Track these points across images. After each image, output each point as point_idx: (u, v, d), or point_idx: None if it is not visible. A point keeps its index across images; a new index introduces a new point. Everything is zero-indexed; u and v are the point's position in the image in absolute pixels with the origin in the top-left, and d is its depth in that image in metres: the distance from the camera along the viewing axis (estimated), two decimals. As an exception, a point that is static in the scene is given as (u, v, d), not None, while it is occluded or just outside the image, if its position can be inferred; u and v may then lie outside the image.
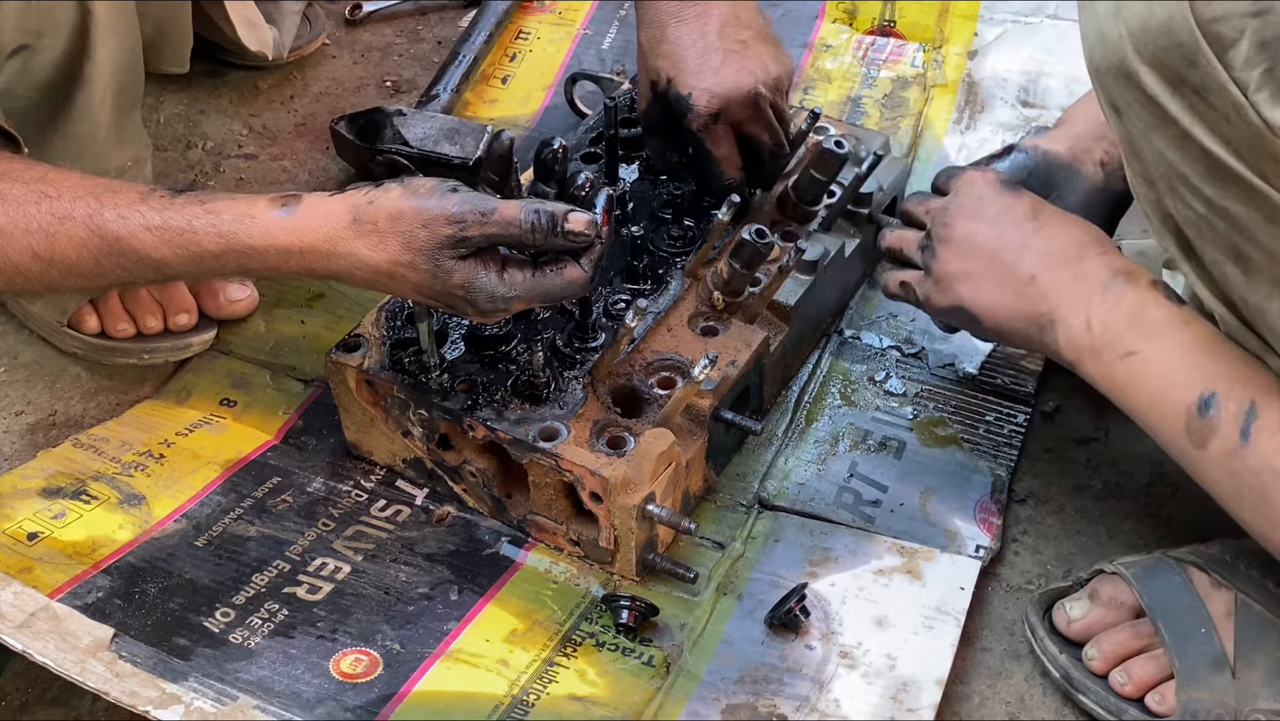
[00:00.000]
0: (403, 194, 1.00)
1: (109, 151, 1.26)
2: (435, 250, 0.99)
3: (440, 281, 1.00)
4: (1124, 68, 0.87)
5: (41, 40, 1.17)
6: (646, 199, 1.34)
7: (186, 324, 1.34)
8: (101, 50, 1.19)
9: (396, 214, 0.99)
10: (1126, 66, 0.86)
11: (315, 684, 1.02)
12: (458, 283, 1.00)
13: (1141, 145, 0.91)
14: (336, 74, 1.76)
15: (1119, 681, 1.05)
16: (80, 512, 1.15)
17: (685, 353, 1.19)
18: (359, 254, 1.00)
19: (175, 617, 1.06)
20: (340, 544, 1.15)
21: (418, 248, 0.99)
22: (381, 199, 1.00)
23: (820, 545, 1.18)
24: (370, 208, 1.00)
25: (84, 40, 1.18)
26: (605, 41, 1.76)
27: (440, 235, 0.99)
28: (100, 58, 1.19)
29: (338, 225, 1.00)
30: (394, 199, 1.00)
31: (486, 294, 1.01)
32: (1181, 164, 0.88)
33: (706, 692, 1.06)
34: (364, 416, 1.20)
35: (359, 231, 1.00)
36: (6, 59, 1.16)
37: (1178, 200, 0.92)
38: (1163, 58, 0.84)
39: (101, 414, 1.31)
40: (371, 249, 1.00)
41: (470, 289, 1.00)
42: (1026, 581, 1.18)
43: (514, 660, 1.06)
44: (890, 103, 1.63)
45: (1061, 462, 1.27)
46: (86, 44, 1.18)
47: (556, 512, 1.15)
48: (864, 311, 1.40)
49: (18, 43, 1.16)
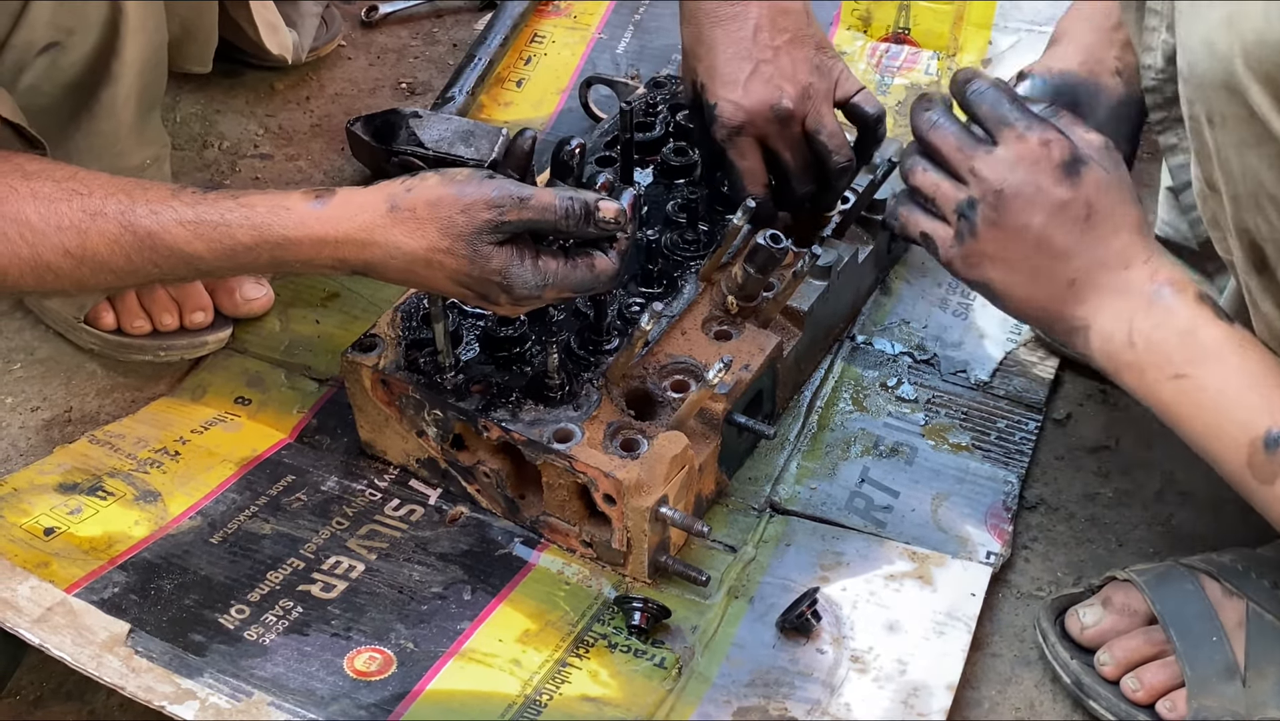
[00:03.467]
0: (440, 181, 1.01)
1: (130, 149, 1.27)
2: (474, 235, 1.00)
3: (479, 266, 1.01)
4: (1230, 81, 0.84)
5: (72, 37, 1.17)
6: (661, 203, 1.35)
7: (202, 322, 1.35)
8: (130, 48, 1.20)
9: (435, 200, 1.00)
10: (1234, 80, 0.84)
11: (330, 681, 1.03)
12: (495, 268, 1.01)
13: (1229, 158, 0.88)
14: (352, 75, 1.77)
15: (1131, 687, 1.05)
16: (96, 508, 1.16)
17: (699, 356, 1.20)
18: (396, 241, 1.01)
19: (191, 614, 1.07)
20: (354, 542, 1.16)
21: (456, 233, 1.00)
22: (419, 187, 1.01)
23: (832, 549, 1.18)
24: (408, 195, 1.01)
25: (114, 38, 1.19)
26: (620, 45, 1.77)
27: (480, 220, 1.00)
28: (129, 55, 1.20)
29: (374, 214, 1.01)
30: (432, 186, 1.01)
31: (522, 280, 1.02)
32: (1276, 184, 0.86)
33: (718, 695, 1.06)
34: (378, 416, 1.21)
35: (396, 219, 1.01)
36: (36, 56, 1.17)
37: (1260, 216, 0.89)
38: (1277, 75, 0.81)
39: (117, 410, 1.32)
40: (409, 235, 1.00)
41: (507, 274, 1.02)
42: (1037, 588, 1.18)
43: (527, 660, 1.07)
44: (904, 110, 1.63)
45: (1073, 470, 1.28)
46: (116, 42, 1.19)
47: (569, 514, 1.15)
48: (876, 317, 1.40)
49: (49, 40, 1.17)
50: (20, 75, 1.18)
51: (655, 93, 1.49)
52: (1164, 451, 1.29)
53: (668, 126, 1.44)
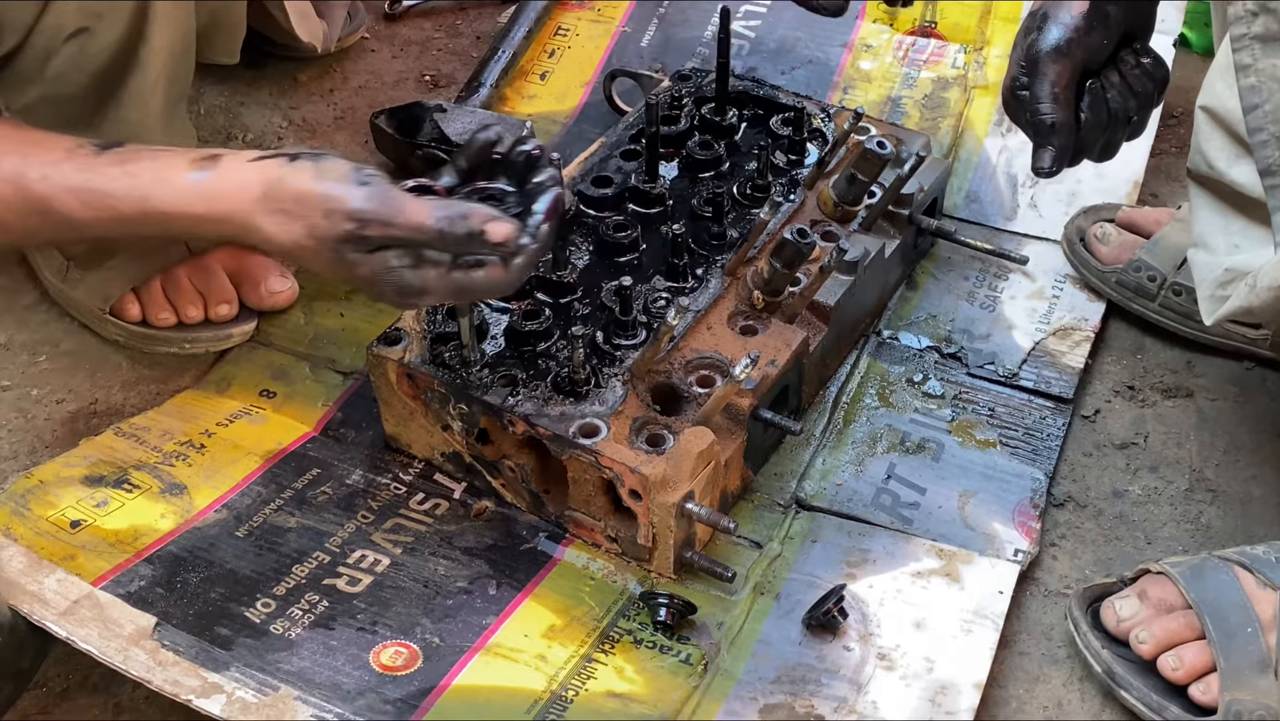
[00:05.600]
0: (313, 175, 0.95)
1: (156, 140, 1.26)
2: (337, 242, 0.95)
3: (345, 271, 0.96)
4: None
5: (101, 22, 1.17)
6: (686, 197, 1.34)
7: (227, 314, 1.35)
8: (158, 36, 1.19)
9: (302, 196, 0.95)
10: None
11: (356, 676, 1.03)
12: (363, 275, 0.96)
13: None
14: (375, 68, 1.76)
15: (1170, 665, 1.04)
16: (122, 501, 1.16)
17: (725, 351, 1.19)
18: (267, 231, 0.97)
19: (217, 607, 1.07)
20: (379, 536, 1.16)
21: (320, 236, 0.95)
22: (292, 177, 0.96)
23: (858, 546, 1.18)
24: (280, 185, 0.96)
25: (142, 25, 1.18)
26: (644, 39, 1.76)
27: (341, 229, 0.94)
28: (157, 43, 1.20)
29: (249, 198, 0.96)
30: (305, 179, 0.95)
31: (395, 288, 0.96)
32: None
33: (744, 692, 1.06)
34: (404, 409, 1.21)
35: (267, 208, 0.96)
36: (64, 41, 1.17)
37: None
38: None
39: (142, 403, 1.32)
40: (278, 228, 0.96)
41: (376, 283, 0.96)
42: (1065, 586, 1.17)
43: (552, 655, 1.07)
44: (930, 103, 1.63)
45: (1100, 467, 1.27)
46: (145, 28, 1.19)
47: (595, 509, 1.15)
48: (902, 312, 1.40)
49: (78, 25, 1.16)
50: (49, 61, 1.18)
51: (680, 86, 1.48)
52: (1193, 448, 1.28)
53: (692, 120, 1.43)
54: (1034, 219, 1.50)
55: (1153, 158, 1.57)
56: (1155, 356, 1.37)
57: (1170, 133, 1.64)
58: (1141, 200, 1.53)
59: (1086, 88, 1.12)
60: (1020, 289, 1.42)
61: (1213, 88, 1.21)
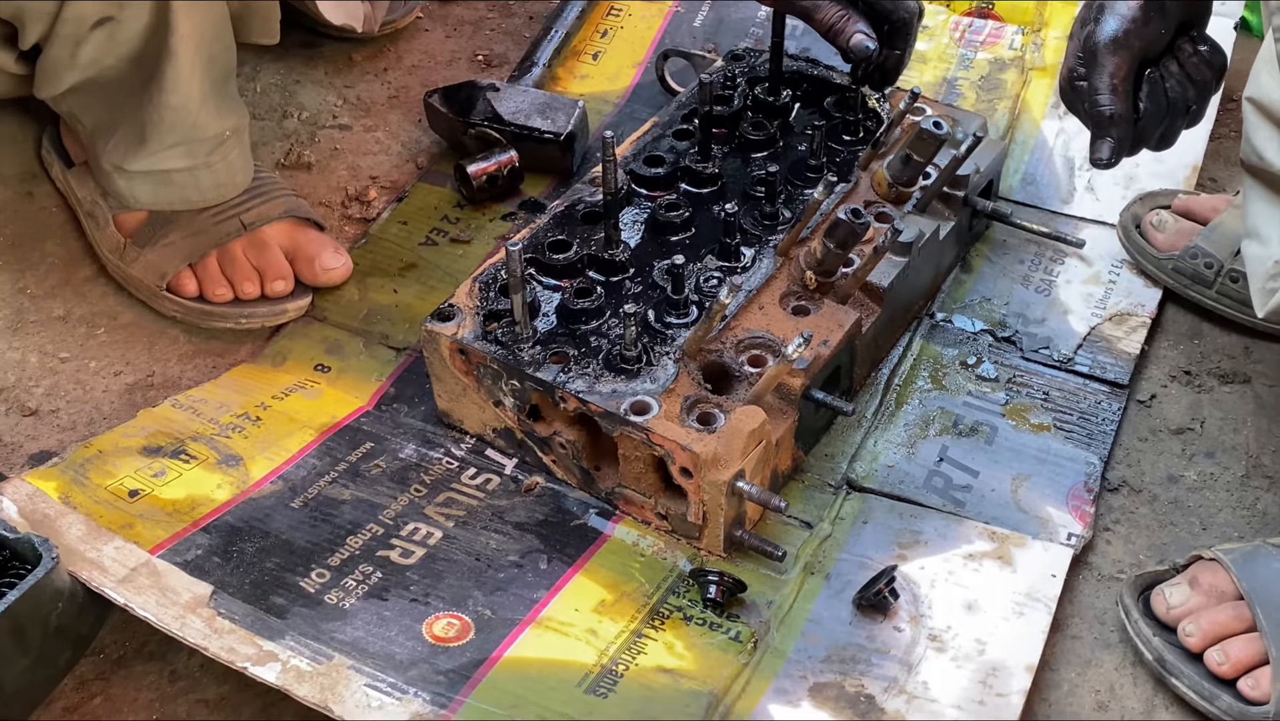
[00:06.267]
0: None
1: (205, 121, 1.28)
2: None
3: None
4: None
5: (124, 11, 1.19)
6: (739, 177, 1.34)
7: (283, 290, 1.36)
8: (184, 23, 1.21)
9: None
10: None
11: (409, 646, 1.04)
12: None
13: None
14: (429, 47, 1.77)
15: (1216, 660, 1.03)
16: (180, 471, 1.18)
17: (776, 331, 1.19)
18: None
19: (272, 576, 1.08)
20: (432, 509, 1.17)
21: None
22: None
23: (909, 528, 1.17)
24: None
25: (164, 13, 1.20)
26: (697, 19, 1.76)
27: None
28: (184, 30, 1.21)
29: None
30: None
31: None
32: None
33: (793, 670, 1.06)
34: (456, 385, 1.21)
35: None
36: (91, 30, 1.19)
37: None
38: None
39: (198, 376, 1.33)
40: None
41: None
42: (1118, 570, 1.16)
43: (603, 630, 1.07)
44: (987, 85, 1.61)
45: (1156, 452, 1.26)
46: (168, 17, 1.20)
47: (645, 486, 1.15)
48: (956, 295, 1.39)
49: (101, 14, 1.19)
50: (79, 49, 1.21)
51: (733, 66, 1.48)
52: (1249, 434, 1.27)
53: (746, 100, 1.42)
54: (1091, 202, 1.49)
55: (1211, 142, 1.55)
56: (1212, 342, 1.36)
57: (1229, 116, 1.62)
58: (1200, 185, 1.51)
59: (1145, 78, 1.11)
60: (1076, 273, 1.41)
61: (1258, 79, 1.19)
